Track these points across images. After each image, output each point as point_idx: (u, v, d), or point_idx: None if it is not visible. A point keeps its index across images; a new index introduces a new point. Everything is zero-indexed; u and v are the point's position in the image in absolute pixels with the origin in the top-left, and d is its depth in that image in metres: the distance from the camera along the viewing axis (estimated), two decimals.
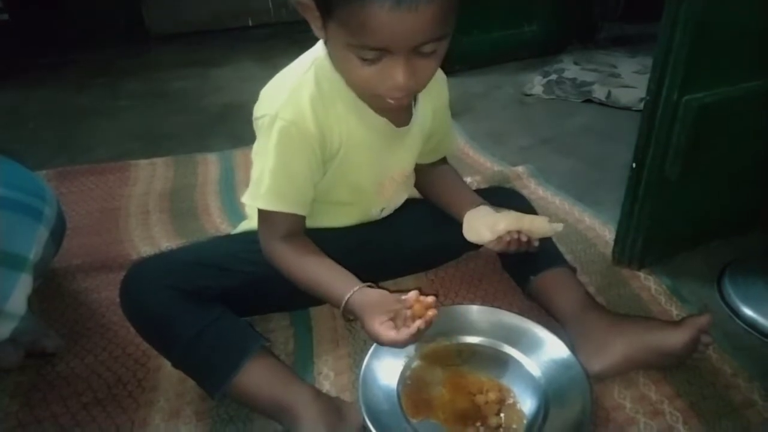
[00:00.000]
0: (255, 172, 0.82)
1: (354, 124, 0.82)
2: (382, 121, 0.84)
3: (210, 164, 1.54)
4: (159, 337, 0.82)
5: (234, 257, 0.87)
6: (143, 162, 1.55)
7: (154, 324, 0.80)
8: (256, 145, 0.82)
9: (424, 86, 0.76)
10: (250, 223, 0.97)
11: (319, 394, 0.80)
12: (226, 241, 0.98)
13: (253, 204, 0.83)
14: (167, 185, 1.45)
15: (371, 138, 0.85)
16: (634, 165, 1.01)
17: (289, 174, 0.80)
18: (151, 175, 1.49)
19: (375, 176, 0.91)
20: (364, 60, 0.69)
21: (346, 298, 0.76)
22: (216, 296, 0.83)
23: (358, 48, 0.67)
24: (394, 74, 0.69)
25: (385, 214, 0.99)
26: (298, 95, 0.78)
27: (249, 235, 0.94)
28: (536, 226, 0.87)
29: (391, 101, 0.75)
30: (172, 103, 2.04)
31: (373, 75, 0.70)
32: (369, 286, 0.78)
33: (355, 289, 0.77)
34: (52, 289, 1.06)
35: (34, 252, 0.86)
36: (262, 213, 0.83)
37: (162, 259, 0.90)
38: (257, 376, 0.78)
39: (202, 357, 0.78)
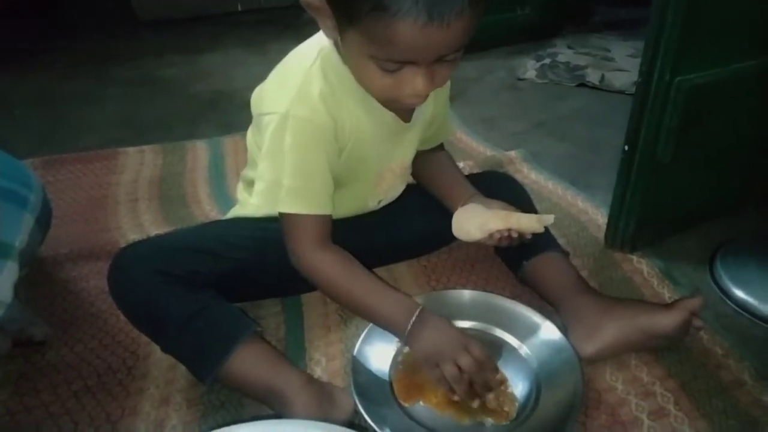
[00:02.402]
0: (268, 173, 0.80)
1: (363, 119, 0.81)
2: (390, 116, 0.83)
3: (199, 151, 1.52)
4: (148, 323, 0.81)
5: (224, 243, 0.86)
6: (131, 150, 1.53)
7: (142, 309, 0.80)
8: (264, 146, 0.79)
9: (440, 87, 0.75)
10: (242, 209, 0.96)
11: (310, 379, 0.79)
12: (216, 227, 0.97)
13: (273, 208, 0.80)
14: (156, 173, 1.43)
15: (378, 132, 0.84)
16: (626, 148, 1.00)
17: (310, 172, 0.78)
18: (139, 162, 1.47)
19: (377, 168, 0.90)
20: (385, 71, 0.68)
21: (407, 329, 0.77)
22: (206, 282, 0.82)
23: (382, 60, 0.66)
24: (415, 83, 0.68)
25: (381, 205, 0.98)
26: (308, 90, 0.75)
27: (239, 221, 0.94)
28: (525, 224, 0.86)
29: (406, 105, 0.75)
30: (160, 90, 2.01)
31: (393, 83, 0.69)
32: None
33: (414, 319, 0.77)
34: (40, 278, 1.05)
35: (19, 239, 0.85)
36: (287, 220, 0.80)
37: (150, 243, 0.89)
38: (248, 362, 0.77)
39: (192, 342, 0.78)
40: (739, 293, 0.97)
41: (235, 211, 0.97)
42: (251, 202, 0.93)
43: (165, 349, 0.82)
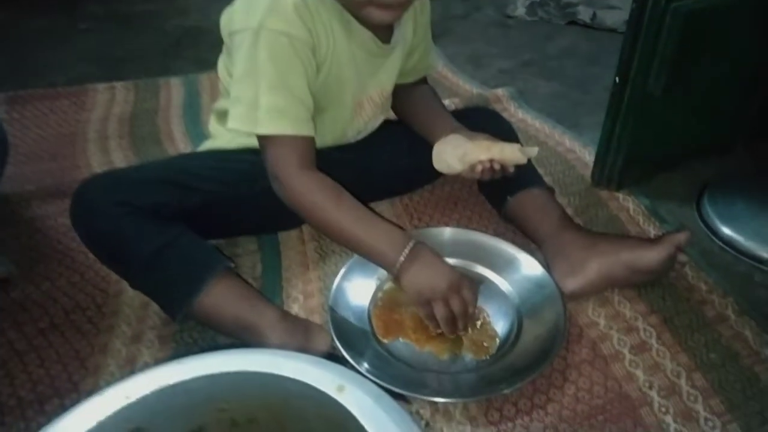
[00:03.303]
0: (244, 94, 0.73)
1: (340, 36, 0.76)
2: (367, 35, 0.79)
3: (173, 88, 1.46)
4: (114, 257, 0.77)
5: (194, 175, 0.81)
6: (102, 86, 1.46)
7: (107, 243, 0.76)
8: (237, 65, 0.74)
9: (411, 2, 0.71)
10: (214, 142, 0.92)
11: (286, 314, 0.77)
12: (186, 158, 0.93)
13: (252, 130, 0.74)
14: (127, 110, 1.37)
15: (356, 53, 0.79)
16: (617, 80, 0.96)
17: (288, 88, 0.72)
18: (110, 99, 1.41)
19: (355, 95, 0.85)
20: None
21: (398, 262, 0.72)
22: (175, 215, 0.78)
23: None
24: None
25: (360, 137, 0.94)
26: (281, 2, 0.70)
27: (211, 153, 0.89)
28: (507, 154, 0.83)
29: (380, 16, 0.71)
30: (134, 26, 1.91)
31: None
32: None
33: (406, 252, 0.72)
34: (6, 216, 1.01)
35: None
36: (266, 142, 0.75)
37: (113, 175, 0.84)
38: (221, 297, 0.74)
39: (161, 277, 0.74)
40: (726, 230, 0.95)
41: (207, 145, 0.92)
42: (224, 134, 0.88)
43: (133, 285, 0.79)
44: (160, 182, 0.79)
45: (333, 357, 0.74)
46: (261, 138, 0.76)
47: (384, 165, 0.97)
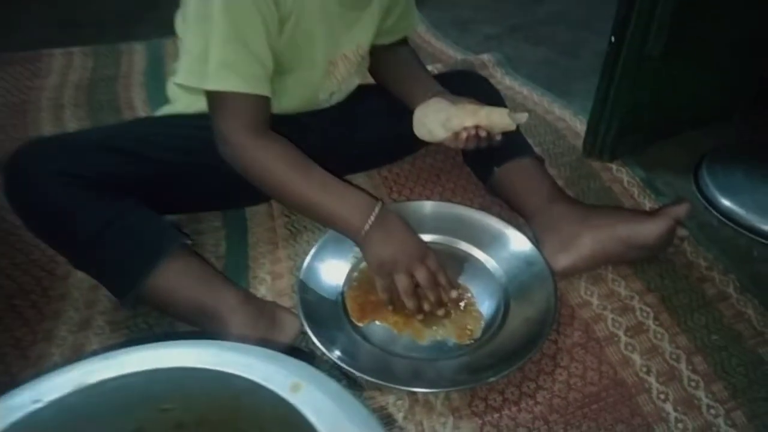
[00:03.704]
0: (194, 46, 0.66)
1: None
2: None
3: (135, 54, 1.36)
4: (54, 233, 0.68)
5: (148, 142, 0.73)
6: (58, 51, 1.35)
7: (45, 218, 0.67)
8: (189, 14, 0.66)
9: None
10: (173, 107, 0.83)
11: (248, 296, 0.70)
12: (139, 124, 0.84)
13: (199, 85, 0.66)
14: (85, 76, 1.27)
15: (328, 5, 0.72)
16: (612, 39, 0.89)
17: (243, 42, 0.64)
18: (66, 66, 1.31)
19: (327, 52, 0.77)
20: None
21: (363, 230, 0.67)
22: (127, 188, 0.69)
23: None
24: None
25: (334, 100, 0.86)
26: None
27: (167, 118, 0.81)
28: (495, 119, 0.75)
29: None
30: None
31: None
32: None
33: (372, 218, 0.67)
34: None
35: None
36: (215, 100, 0.68)
37: (55, 140, 0.75)
38: (175, 278, 0.66)
39: (108, 256, 0.66)
40: (726, 202, 0.89)
41: (165, 110, 0.84)
42: (183, 97, 0.80)
43: (77, 266, 0.71)
44: (109, 150, 0.70)
45: (297, 351, 0.67)
46: (209, 96, 0.68)
47: (361, 133, 0.90)
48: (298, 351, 0.67)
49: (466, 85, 0.88)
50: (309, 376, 0.36)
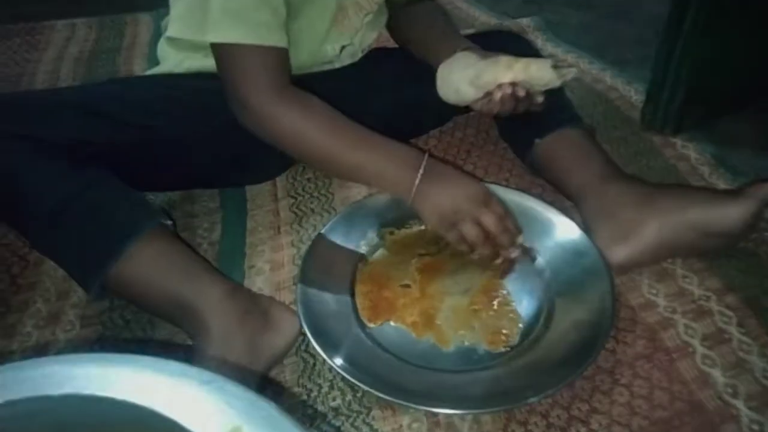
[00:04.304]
0: None
1: None
2: None
3: (142, 25, 1.29)
4: (9, 208, 0.58)
5: (127, 103, 0.64)
6: (60, 23, 1.29)
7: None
8: None
9: None
10: (161, 67, 0.73)
11: (236, 290, 0.58)
12: (122, 84, 0.75)
13: (198, 36, 0.59)
14: (86, 49, 1.20)
15: None
16: None
17: None
18: (66, 38, 1.24)
19: None
20: None
21: (414, 185, 0.60)
22: (102, 158, 0.59)
23: None
24: None
25: (346, 58, 0.75)
26: None
27: (152, 78, 0.72)
28: (534, 72, 0.62)
29: None
30: None
31: None
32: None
33: (421, 171, 0.60)
34: None
35: None
36: (224, 57, 0.60)
37: (17, 97, 0.66)
38: (147, 264, 0.56)
39: (70, 236, 0.56)
40: None
41: (153, 71, 0.74)
42: (173, 55, 0.71)
43: (35, 244, 0.62)
44: (82, 112, 0.61)
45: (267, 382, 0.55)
46: (216, 50, 0.60)
47: (378, 102, 0.78)
48: (269, 382, 0.55)
49: (501, 45, 0.74)
50: (259, 415, 0.24)
